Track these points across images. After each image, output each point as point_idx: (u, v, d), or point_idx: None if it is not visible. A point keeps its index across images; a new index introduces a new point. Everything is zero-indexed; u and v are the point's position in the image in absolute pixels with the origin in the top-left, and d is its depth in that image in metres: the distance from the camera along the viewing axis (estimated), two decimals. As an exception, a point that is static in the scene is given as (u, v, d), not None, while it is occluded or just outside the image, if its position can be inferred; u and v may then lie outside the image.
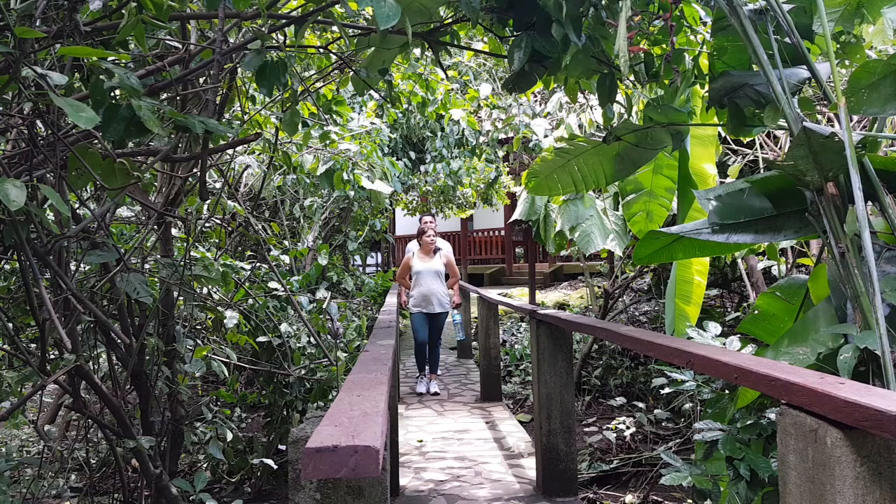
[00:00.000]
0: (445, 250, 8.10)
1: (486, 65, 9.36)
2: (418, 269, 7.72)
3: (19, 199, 1.48)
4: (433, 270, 7.74)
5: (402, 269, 7.90)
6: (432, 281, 7.72)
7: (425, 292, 7.67)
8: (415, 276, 7.74)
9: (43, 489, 3.75)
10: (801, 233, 2.71)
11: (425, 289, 7.66)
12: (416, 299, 7.71)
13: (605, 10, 2.70)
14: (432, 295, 7.67)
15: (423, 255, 7.78)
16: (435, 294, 7.70)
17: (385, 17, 1.87)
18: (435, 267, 7.77)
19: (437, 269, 7.79)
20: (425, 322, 7.75)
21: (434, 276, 7.75)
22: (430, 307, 7.70)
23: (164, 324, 3.40)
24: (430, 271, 7.72)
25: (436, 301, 7.71)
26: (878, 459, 1.54)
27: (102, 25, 2.09)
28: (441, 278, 7.82)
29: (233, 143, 2.66)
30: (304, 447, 1.25)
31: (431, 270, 7.73)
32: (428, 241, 7.73)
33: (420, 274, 7.71)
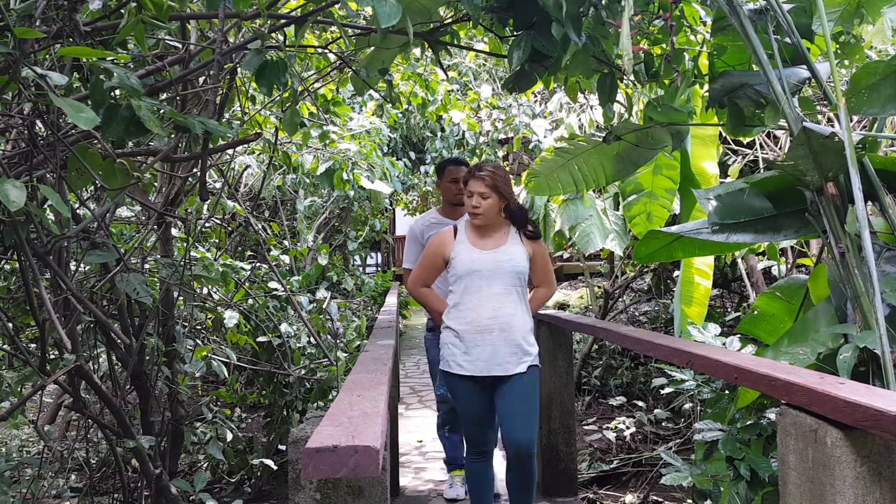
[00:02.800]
0: (533, 240, 3.27)
1: (486, 65, 9.36)
2: (466, 266, 3.07)
3: (19, 200, 1.48)
4: (502, 269, 3.06)
5: (424, 266, 3.26)
6: (498, 294, 3.06)
7: (481, 321, 3.03)
8: (457, 282, 3.10)
9: (43, 489, 3.75)
10: (801, 233, 2.71)
11: (482, 312, 3.03)
12: (458, 339, 3.07)
13: (605, 9, 2.70)
14: (496, 330, 3.02)
15: (476, 236, 3.13)
16: (502, 326, 3.02)
17: (386, 16, 1.87)
18: (506, 261, 3.07)
19: (512, 265, 3.07)
20: (476, 393, 3.08)
21: (502, 282, 3.06)
22: (492, 362, 3.01)
23: (164, 324, 3.40)
24: (492, 271, 3.06)
25: (505, 346, 3.02)
26: (878, 459, 1.54)
27: (102, 25, 2.09)
28: (518, 288, 3.10)
29: (233, 143, 2.66)
30: (304, 447, 1.25)
31: (498, 269, 3.07)
32: (479, 209, 3.02)
33: (470, 278, 3.07)
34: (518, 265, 3.01)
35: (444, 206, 4.01)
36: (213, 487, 4.82)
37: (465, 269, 3.01)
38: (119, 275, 2.45)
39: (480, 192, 2.96)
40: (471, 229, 3.11)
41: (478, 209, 2.97)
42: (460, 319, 3.02)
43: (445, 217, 3.90)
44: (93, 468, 4.27)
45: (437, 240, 3.19)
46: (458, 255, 3.03)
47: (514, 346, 2.98)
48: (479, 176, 2.95)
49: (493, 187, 2.95)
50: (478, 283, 2.99)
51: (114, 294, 2.99)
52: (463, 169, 3.71)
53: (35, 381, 2.63)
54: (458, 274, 3.03)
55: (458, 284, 3.05)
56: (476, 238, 3.08)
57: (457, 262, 3.03)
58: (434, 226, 3.85)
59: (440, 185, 4.00)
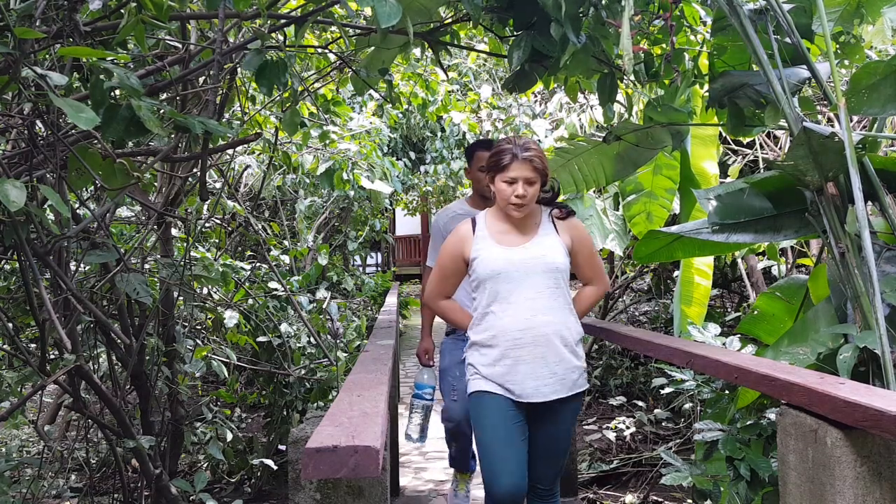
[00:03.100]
0: (569, 222, 2.57)
1: (486, 65, 9.36)
2: (489, 268, 2.44)
3: (19, 200, 1.48)
4: (535, 268, 2.44)
5: (442, 274, 2.62)
6: (532, 299, 2.42)
7: (512, 334, 2.41)
8: (480, 288, 2.49)
9: (43, 489, 3.75)
10: (801, 233, 2.71)
11: (513, 323, 2.41)
12: (485, 358, 2.46)
13: (605, 9, 2.70)
14: (532, 344, 2.39)
15: (500, 229, 2.51)
16: (540, 339, 2.40)
17: (386, 15, 1.87)
18: (538, 258, 2.45)
19: (547, 262, 2.44)
20: (512, 418, 2.42)
21: (537, 284, 2.43)
22: (528, 385, 2.40)
23: (164, 324, 3.40)
24: (523, 272, 2.43)
25: (544, 365, 2.40)
26: (878, 459, 1.54)
27: (102, 25, 2.09)
28: (558, 290, 2.46)
29: (233, 143, 2.66)
30: (304, 447, 1.25)
31: (530, 269, 2.44)
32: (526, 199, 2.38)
33: (495, 282, 2.44)
34: (555, 261, 2.40)
35: (473, 197, 3.40)
36: (213, 487, 4.82)
37: (488, 272, 2.40)
38: (119, 275, 2.46)
39: (527, 177, 2.33)
40: (493, 221, 2.50)
41: (524, 199, 2.35)
42: (487, 333, 2.41)
43: (475, 209, 3.14)
44: (93, 468, 4.27)
45: (452, 238, 2.56)
46: (478, 254, 2.43)
47: (557, 364, 2.37)
48: (527, 158, 2.32)
49: (542, 171, 2.36)
50: (506, 288, 2.38)
51: (114, 294, 2.99)
52: None
53: (35, 381, 2.63)
54: (480, 278, 2.43)
55: (481, 291, 2.44)
56: (499, 231, 2.47)
57: (478, 264, 2.43)
58: (459, 219, 2.92)
59: (469, 173, 3.40)
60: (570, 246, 2.49)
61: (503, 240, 2.46)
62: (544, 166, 2.37)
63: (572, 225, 2.54)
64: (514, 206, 2.39)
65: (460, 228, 2.57)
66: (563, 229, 2.51)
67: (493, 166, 2.40)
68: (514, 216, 2.43)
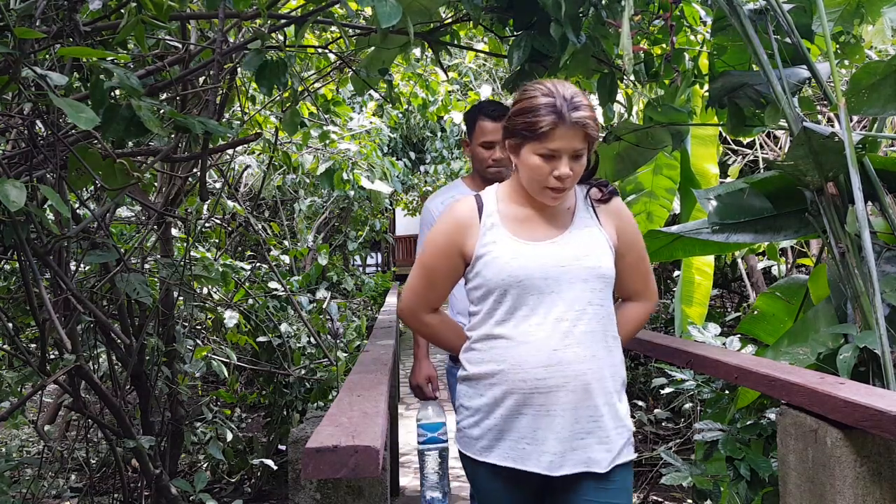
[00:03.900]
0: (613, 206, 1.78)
1: (486, 65, 9.36)
2: (503, 272, 1.65)
3: (19, 200, 1.48)
4: (572, 272, 1.65)
5: (426, 276, 1.80)
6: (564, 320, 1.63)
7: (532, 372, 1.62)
8: (486, 299, 1.70)
9: (43, 489, 3.75)
10: (801, 233, 2.71)
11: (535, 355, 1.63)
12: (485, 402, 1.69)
13: (605, 9, 2.70)
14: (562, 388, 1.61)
15: (521, 217, 1.72)
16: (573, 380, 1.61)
17: (386, 15, 1.87)
18: (579, 258, 1.67)
19: (589, 264, 1.67)
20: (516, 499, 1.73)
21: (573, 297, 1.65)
22: (554, 449, 1.61)
23: (164, 324, 3.40)
24: (555, 278, 1.65)
25: (576, 419, 1.62)
26: (878, 459, 1.55)
27: (102, 25, 2.09)
28: (601, 307, 1.68)
29: (233, 143, 2.66)
30: (304, 447, 1.25)
31: (564, 273, 1.65)
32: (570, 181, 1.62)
33: (513, 294, 1.66)
34: (599, 264, 1.66)
35: (473, 178, 2.61)
36: (213, 487, 4.82)
37: (501, 279, 1.63)
38: (119, 275, 2.45)
39: (575, 149, 1.59)
40: (507, 202, 1.74)
41: (568, 183, 1.61)
42: (489, 366, 1.67)
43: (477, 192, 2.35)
44: (93, 468, 4.27)
45: (446, 224, 1.75)
46: (486, 251, 1.67)
47: (595, 420, 1.62)
48: (578, 121, 1.56)
49: (594, 139, 1.62)
50: (528, 303, 1.63)
51: (114, 294, 2.98)
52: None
53: (35, 381, 2.63)
54: (487, 286, 1.66)
55: (487, 303, 1.68)
56: (517, 218, 1.71)
57: (485, 266, 1.66)
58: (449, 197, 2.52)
59: (468, 147, 2.58)
60: (615, 242, 1.73)
61: (523, 231, 1.69)
62: (597, 131, 1.62)
63: (617, 211, 1.77)
64: (553, 192, 1.63)
65: (458, 210, 1.74)
66: (605, 217, 1.75)
67: (524, 131, 1.60)
68: (550, 204, 1.69)
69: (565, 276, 1.65)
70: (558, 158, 1.61)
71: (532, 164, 1.63)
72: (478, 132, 2.52)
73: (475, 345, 1.74)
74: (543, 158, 1.61)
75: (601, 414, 1.65)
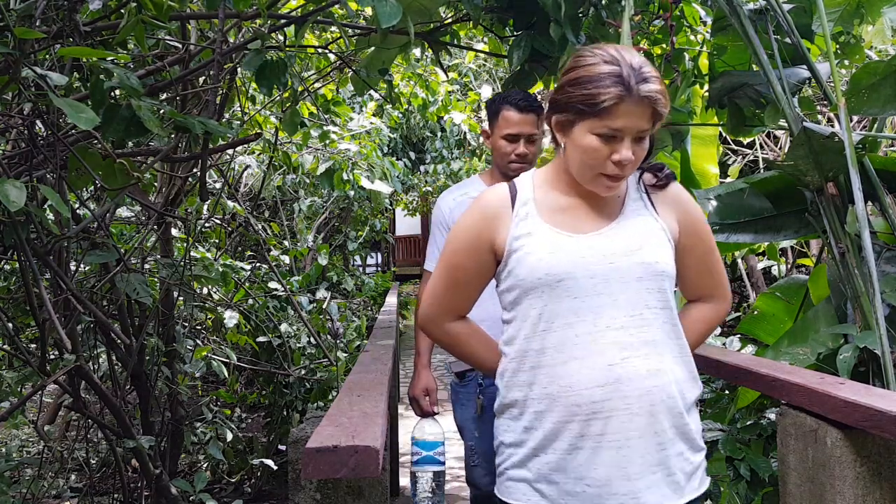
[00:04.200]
0: (672, 193, 1.51)
1: (486, 65, 9.36)
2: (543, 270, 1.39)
3: (19, 200, 1.48)
4: (628, 270, 1.39)
5: (449, 277, 1.53)
6: (621, 327, 1.37)
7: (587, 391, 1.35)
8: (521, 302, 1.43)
9: (43, 489, 3.75)
10: (801, 233, 2.71)
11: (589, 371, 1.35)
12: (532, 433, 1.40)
13: (604, 9, 2.70)
14: (623, 409, 1.34)
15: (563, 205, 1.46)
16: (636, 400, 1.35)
17: (386, 16, 1.87)
18: (634, 253, 1.40)
19: (647, 259, 1.40)
20: None
21: (630, 300, 1.39)
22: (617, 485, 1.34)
23: (164, 324, 3.40)
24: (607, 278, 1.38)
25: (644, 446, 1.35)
26: (878, 459, 1.55)
27: (102, 25, 2.09)
28: (664, 311, 1.41)
29: (233, 143, 2.66)
30: (304, 447, 1.25)
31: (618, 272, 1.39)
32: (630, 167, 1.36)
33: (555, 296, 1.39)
34: (657, 259, 1.40)
35: (493, 173, 2.37)
36: (213, 487, 4.82)
37: (539, 277, 1.38)
38: (119, 275, 2.45)
39: (641, 129, 1.34)
40: (546, 189, 1.48)
41: (627, 168, 1.36)
42: (533, 390, 1.40)
43: None
44: (93, 468, 4.27)
45: (473, 216, 1.50)
46: (522, 245, 1.42)
47: (664, 448, 1.37)
48: (648, 96, 1.30)
49: (662, 117, 1.35)
50: (572, 308, 1.37)
51: (114, 294, 2.98)
52: (531, 116, 2.18)
53: (35, 381, 2.63)
54: (523, 287, 1.41)
55: (521, 308, 1.42)
56: (558, 208, 1.46)
57: (520, 262, 1.41)
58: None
59: (489, 138, 2.34)
60: (676, 234, 1.47)
61: (564, 221, 1.43)
62: (667, 108, 1.34)
63: (677, 198, 1.50)
64: (609, 180, 1.37)
65: (487, 198, 1.50)
66: (663, 206, 1.48)
67: (581, 105, 1.32)
68: (602, 194, 1.43)
69: (615, 273, 1.38)
70: (619, 140, 1.33)
71: (587, 145, 1.34)
72: (501, 123, 2.27)
73: (512, 362, 1.43)
74: (602, 139, 1.33)
75: (670, 439, 1.37)
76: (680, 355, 1.45)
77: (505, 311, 1.50)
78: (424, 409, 2.29)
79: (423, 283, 2.35)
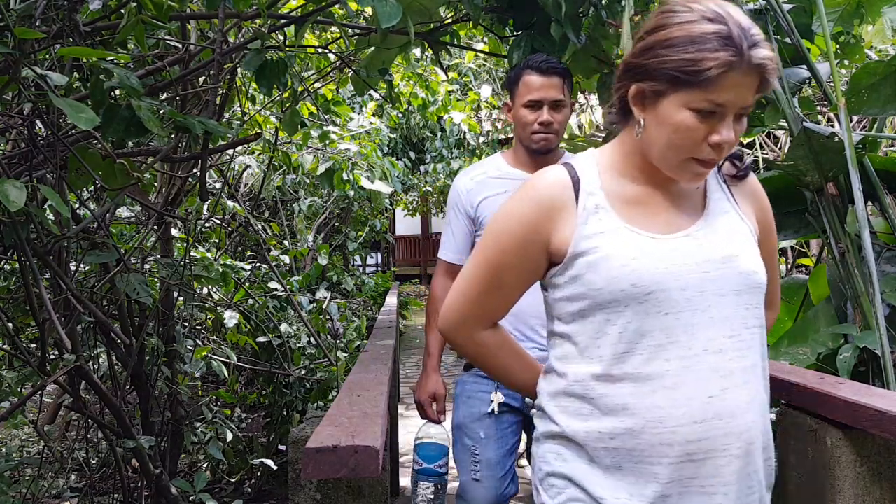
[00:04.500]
0: (750, 185, 1.31)
1: (486, 65, 9.36)
2: (647, 274, 1.12)
3: (19, 200, 1.48)
4: (729, 283, 1.16)
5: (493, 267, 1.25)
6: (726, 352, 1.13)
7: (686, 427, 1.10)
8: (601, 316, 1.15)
9: (43, 489, 3.75)
10: (801, 233, 2.71)
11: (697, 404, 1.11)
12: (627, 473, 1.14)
13: (605, 9, 2.70)
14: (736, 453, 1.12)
15: (642, 190, 1.21)
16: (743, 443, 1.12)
17: (386, 16, 1.87)
18: (734, 261, 1.17)
19: (748, 271, 1.17)
20: None
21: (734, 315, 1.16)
22: None
23: (164, 324, 3.40)
24: (705, 290, 1.14)
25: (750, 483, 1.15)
26: (878, 459, 1.55)
27: (102, 25, 2.09)
28: (761, 331, 1.20)
29: (233, 143, 2.66)
30: (304, 447, 1.25)
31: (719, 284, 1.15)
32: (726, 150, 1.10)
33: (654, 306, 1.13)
34: (754, 266, 1.19)
35: (516, 150, 2.13)
36: (213, 487, 4.82)
37: (620, 289, 1.14)
38: (119, 275, 2.45)
39: (747, 104, 1.11)
40: (614, 175, 1.23)
41: (725, 152, 1.13)
42: (611, 426, 1.15)
43: (518, 169, 2.08)
44: (93, 468, 4.27)
45: (527, 199, 1.23)
46: (594, 247, 1.17)
47: (756, 488, 1.18)
48: (760, 64, 1.07)
49: (769, 87, 1.13)
50: (661, 325, 1.13)
51: (114, 294, 2.98)
52: (555, 80, 1.98)
53: (35, 381, 2.63)
54: (596, 298, 1.16)
55: (592, 324, 1.17)
56: (631, 200, 1.21)
57: (595, 268, 1.16)
58: (494, 184, 2.06)
59: (510, 113, 2.11)
60: (758, 233, 1.27)
61: (641, 218, 1.19)
62: (774, 79, 1.12)
63: (755, 192, 1.31)
64: (701, 166, 1.13)
65: (544, 184, 1.22)
66: (742, 200, 1.28)
67: (678, 72, 1.07)
68: (688, 184, 1.21)
69: (711, 285, 1.14)
70: (720, 117, 1.08)
71: (680, 122, 1.09)
72: (521, 90, 2.03)
73: (574, 386, 1.17)
74: (699, 115, 1.08)
75: (759, 481, 1.17)
76: (765, 380, 1.22)
77: (558, 322, 1.23)
78: (430, 416, 2.09)
79: (438, 274, 2.15)
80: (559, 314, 1.23)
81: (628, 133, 1.23)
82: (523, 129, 2.04)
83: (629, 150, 1.23)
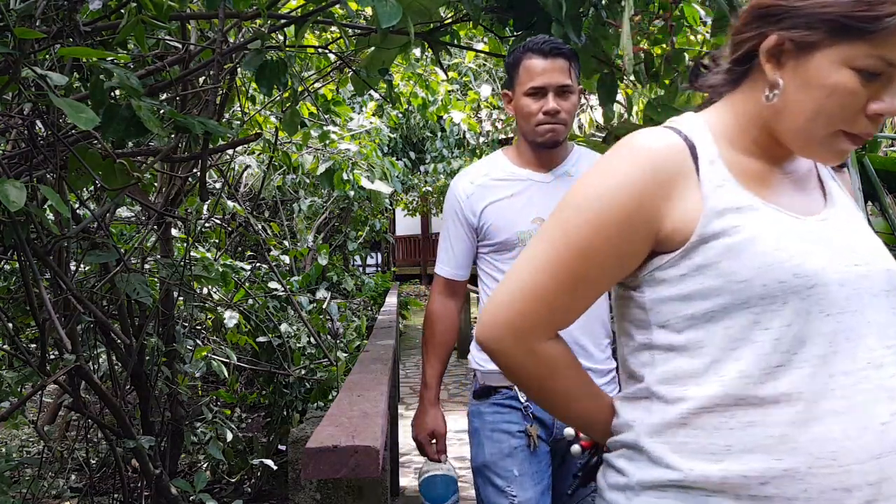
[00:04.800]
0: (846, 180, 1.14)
1: (486, 65, 9.36)
2: (809, 264, 0.86)
3: (19, 200, 1.48)
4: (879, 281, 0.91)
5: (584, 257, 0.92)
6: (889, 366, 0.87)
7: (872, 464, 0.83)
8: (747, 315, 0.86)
9: (43, 489, 3.75)
10: (802, 233, 2.70)
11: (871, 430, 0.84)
12: None
13: (605, 9, 2.70)
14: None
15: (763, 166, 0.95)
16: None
17: (386, 16, 1.87)
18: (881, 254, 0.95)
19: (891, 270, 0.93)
20: None
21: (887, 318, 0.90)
22: None
23: (164, 324, 3.40)
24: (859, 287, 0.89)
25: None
26: (879, 459, 1.54)
27: (102, 25, 2.09)
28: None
29: (233, 143, 2.66)
30: (304, 447, 1.26)
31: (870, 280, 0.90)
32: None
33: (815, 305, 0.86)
34: (893, 262, 0.97)
35: (519, 147, 1.91)
36: (213, 487, 4.82)
37: (779, 280, 0.85)
38: (119, 275, 2.45)
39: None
40: (732, 150, 0.95)
41: (877, 127, 0.90)
42: (758, 461, 0.84)
43: (523, 168, 1.87)
44: (93, 468, 4.27)
45: (632, 165, 0.92)
46: (733, 227, 0.88)
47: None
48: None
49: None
50: (829, 331, 0.86)
51: (114, 294, 2.98)
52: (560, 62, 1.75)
53: (35, 381, 2.63)
54: (743, 293, 0.86)
55: (738, 327, 0.87)
56: (759, 177, 0.95)
57: (736, 254, 0.87)
58: (496, 187, 1.84)
59: (510, 104, 1.87)
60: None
61: (773, 196, 0.95)
62: None
63: (847, 184, 1.15)
64: (851, 141, 0.90)
65: (653, 147, 0.94)
66: (841, 185, 1.09)
67: (843, 19, 0.84)
68: (828, 164, 1.02)
69: (864, 282, 0.90)
70: (886, 80, 0.85)
71: (837, 83, 0.85)
72: (523, 76, 1.78)
73: (702, 415, 0.88)
74: (863, 77, 0.84)
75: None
76: None
77: (660, 332, 0.94)
78: (430, 456, 1.89)
79: (436, 291, 1.89)
80: (664, 320, 0.93)
81: (743, 100, 0.96)
82: (526, 121, 1.78)
83: (747, 120, 0.96)
